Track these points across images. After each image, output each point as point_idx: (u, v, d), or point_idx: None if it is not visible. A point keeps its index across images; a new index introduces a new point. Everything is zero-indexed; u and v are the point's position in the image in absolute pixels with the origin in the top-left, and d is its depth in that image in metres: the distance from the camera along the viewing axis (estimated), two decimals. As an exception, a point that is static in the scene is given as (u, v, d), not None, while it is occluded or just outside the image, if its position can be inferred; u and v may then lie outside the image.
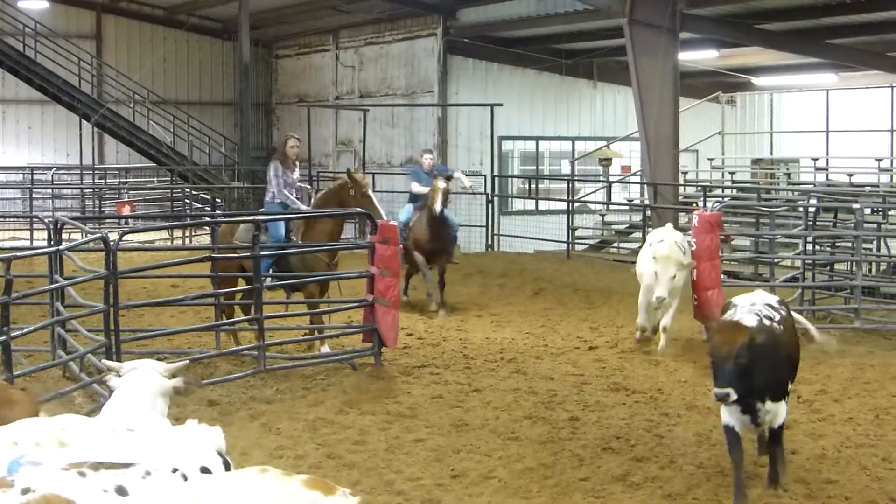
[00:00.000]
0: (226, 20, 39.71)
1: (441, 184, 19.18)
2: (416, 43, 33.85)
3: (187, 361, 7.50)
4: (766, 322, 9.13)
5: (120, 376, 6.97)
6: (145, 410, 6.56)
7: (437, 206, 18.98)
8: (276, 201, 16.04)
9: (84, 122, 36.61)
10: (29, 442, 5.63)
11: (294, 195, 16.10)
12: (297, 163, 16.27)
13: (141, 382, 6.86)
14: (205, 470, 5.39)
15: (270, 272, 15.06)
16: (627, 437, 11.29)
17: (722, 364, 8.57)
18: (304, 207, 16.17)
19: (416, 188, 20.00)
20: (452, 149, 32.62)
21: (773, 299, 9.88)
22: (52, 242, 14.13)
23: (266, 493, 4.73)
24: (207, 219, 22.13)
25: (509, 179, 33.18)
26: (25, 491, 4.81)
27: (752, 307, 9.35)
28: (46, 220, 15.46)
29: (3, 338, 10.87)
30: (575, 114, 34.15)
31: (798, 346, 9.84)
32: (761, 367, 8.74)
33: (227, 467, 5.59)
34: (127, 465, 5.10)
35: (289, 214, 15.74)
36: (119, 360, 11.99)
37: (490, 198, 28.47)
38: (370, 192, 15.80)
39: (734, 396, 8.56)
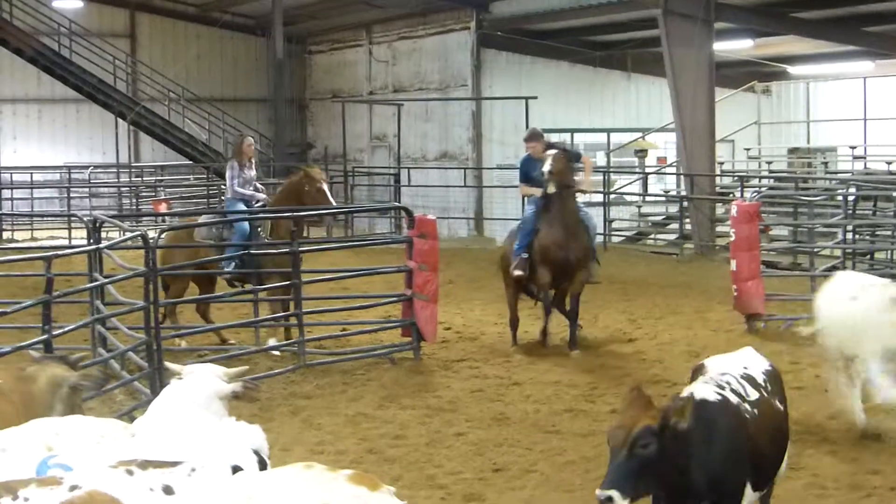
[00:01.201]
0: (259, 16, 39.76)
1: (553, 152, 14.73)
2: (449, 37, 33.78)
3: (247, 367, 7.47)
4: (728, 399, 6.74)
5: (181, 379, 6.96)
6: (196, 411, 6.55)
7: (551, 188, 14.60)
8: (236, 199, 16.19)
9: (120, 120, 36.77)
10: (15, 447, 5.63)
11: (252, 190, 16.20)
12: (252, 160, 16.48)
13: (198, 385, 6.85)
14: (236, 469, 5.39)
15: (233, 266, 15.14)
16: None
17: (613, 453, 6.24)
18: (263, 197, 16.26)
19: (524, 189, 16.33)
20: (487, 143, 32.55)
21: (760, 367, 7.38)
22: (92, 241, 14.18)
23: (311, 489, 4.73)
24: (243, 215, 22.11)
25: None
26: (73, 488, 4.83)
27: (721, 376, 6.96)
28: (85, 219, 15.49)
29: (45, 336, 10.91)
30: (609, 105, 34.02)
31: (778, 439, 7.22)
32: (695, 463, 6.42)
33: (263, 466, 5.57)
34: (174, 464, 5.10)
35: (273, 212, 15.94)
36: (160, 357, 12.07)
37: (525, 191, 28.36)
38: (324, 187, 15.86)
39: (621, 502, 6.09)
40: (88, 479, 4.90)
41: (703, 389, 6.73)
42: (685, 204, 24.70)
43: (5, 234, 31.17)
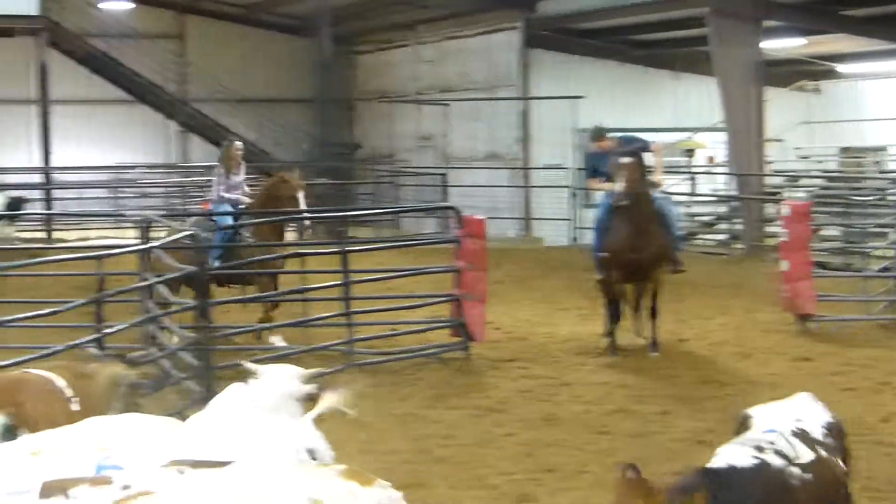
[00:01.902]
0: (305, 17, 39.80)
1: (624, 160, 14.17)
2: (495, 37, 33.71)
3: (323, 370, 7.46)
4: (768, 465, 5.52)
5: (258, 379, 6.95)
6: (255, 410, 6.53)
7: (621, 191, 13.95)
8: (220, 202, 16.54)
9: (169, 120, 36.97)
10: (70, 445, 5.65)
11: (239, 194, 16.55)
12: (241, 164, 16.75)
13: (272, 385, 6.84)
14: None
15: (217, 264, 15.24)
16: (720, 430, 11.10)
17: None
18: (247, 200, 16.61)
19: (592, 185, 15.88)
20: (534, 143, 32.48)
21: (818, 419, 6.08)
22: (143, 240, 14.26)
23: (302, 485, 4.65)
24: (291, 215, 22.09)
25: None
26: (125, 488, 4.84)
27: (764, 434, 5.76)
28: (136, 219, 15.60)
29: (97, 335, 10.98)
30: (657, 105, 33.81)
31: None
32: None
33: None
34: (224, 464, 5.09)
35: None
36: (210, 356, 12.13)
37: (573, 191, 28.33)
38: (299, 195, 16.23)
39: None
40: (140, 479, 4.90)
41: (734, 454, 5.58)
42: (734, 204, 24.52)
43: (55, 234, 31.40)
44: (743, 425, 6.09)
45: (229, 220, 16.08)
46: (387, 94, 38.69)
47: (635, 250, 14.17)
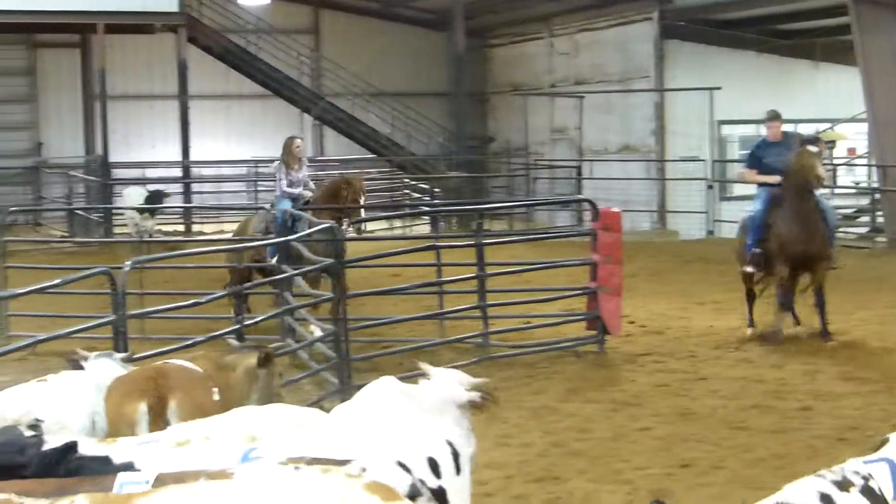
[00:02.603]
0: (440, 11, 39.98)
1: (813, 149, 14.21)
2: (630, 28, 33.46)
3: (488, 379, 7.46)
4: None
5: (428, 379, 6.96)
6: (397, 403, 6.53)
7: (818, 178, 14.11)
8: (283, 197, 16.87)
9: (304, 115, 37.42)
10: (219, 435, 5.70)
11: (302, 190, 16.94)
12: (301, 160, 17.20)
13: (436, 388, 6.85)
14: (432, 461, 5.37)
15: (276, 258, 15.28)
16: (863, 427, 10.90)
17: None
18: (310, 195, 17.08)
19: (752, 177, 15.34)
20: (670, 134, 32.17)
21: None
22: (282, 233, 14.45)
23: (320, 492, 4.57)
24: (426, 208, 22.33)
25: (729, 164, 32.55)
26: (241, 482, 4.85)
27: (865, 465, 5.13)
28: (273, 212, 15.84)
29: (237, 326, 11.15)
30: (796, 96, 33.14)
31: None
32: None
33: (457, 458, 5.55)
34: (343, 462, 5.07)
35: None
36: (347, 348, 12.22)
37: (710, 183, 28.00)
38: (361, 200, 16.92)
39: None
40: (256, 475, 4.91)
41: (803, 489, 4.99)
42: (877, 196, 24.00)
43: (194, 227, 32.01)
44: (881, 445, 5.47)
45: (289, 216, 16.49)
46: (520, 87, 38.66)
47: (805, 243, 14.29)
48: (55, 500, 4.60)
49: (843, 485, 5.00)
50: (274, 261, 15.34)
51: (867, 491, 4.97)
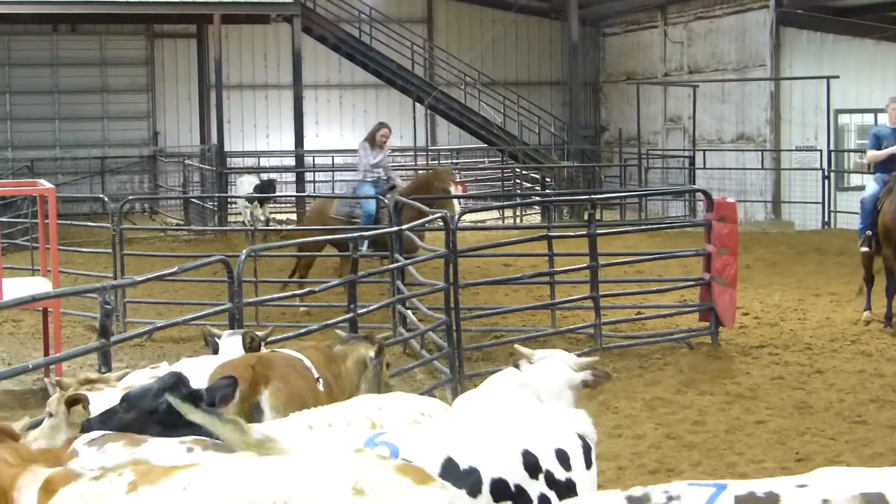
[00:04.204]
0: (554, 0, 39.89)
1: None
2: (746, 16, 33.01)
3: (596, 358, 7.43)
4: None
5: (531, 363, 6.96)
6: (526, 394, 6.53)
7: None
8: (366, 179, 17.44)
9: (417, 104, 37.56)
10: (341, 422, 5.74)
11: (380, 173, 17.48)
12: (383, 148, 17.53)
13: (551, 371, 6.86)
14: (560, 452, 5.36)
15: (365, 246, 15.44)
16: None
17: None
18: (399, 183, 17.92)
19: (876, 155, 15.35)
20: (786, 124, 31.69)
21: None
22: (393, 222, 14.53)
23: (350, 472, 4.52)
24: (538, 198, 22.25)
25: (846, 154, 32.01)
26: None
27: None
28: (387, 201, 15.93)
29: (350, 315, 11.24)
30: (917, 84, 32.56)
31: None
32: None
33: (588, 451, 5.53)
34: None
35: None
36: (458, 337, 12.26)
37: (826, 173, 27.57)
38: (451, 189, 17.09)
39: None
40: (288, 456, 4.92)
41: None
42: None
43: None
44: None
45: (373, 204, 16.87)
46: (634, 76, 38.40)
47: None
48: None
49: None
50: (364, 248, 15.46)
51: None
